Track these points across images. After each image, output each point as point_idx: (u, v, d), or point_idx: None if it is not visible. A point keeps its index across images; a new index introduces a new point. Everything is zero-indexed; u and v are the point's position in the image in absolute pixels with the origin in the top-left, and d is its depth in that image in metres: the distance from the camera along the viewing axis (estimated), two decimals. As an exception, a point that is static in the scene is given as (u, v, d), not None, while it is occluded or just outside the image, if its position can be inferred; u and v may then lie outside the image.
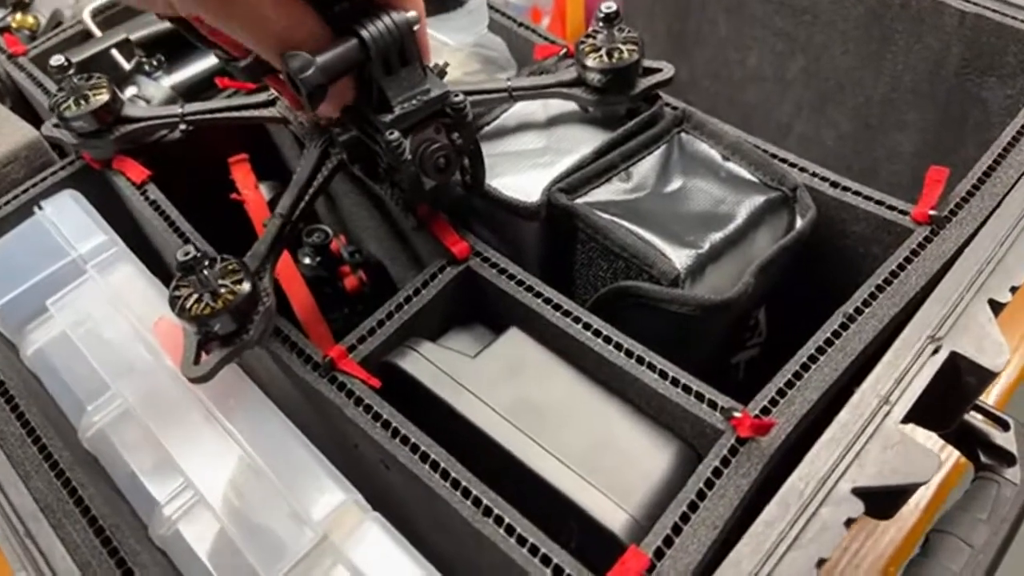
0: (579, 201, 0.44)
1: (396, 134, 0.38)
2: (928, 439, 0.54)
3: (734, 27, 0.68)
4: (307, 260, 0.51)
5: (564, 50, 0.54)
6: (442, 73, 0.41)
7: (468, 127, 0.40)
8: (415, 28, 0.38)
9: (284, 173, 0.57)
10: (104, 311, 0.45)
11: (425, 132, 0.40)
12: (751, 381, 0.49)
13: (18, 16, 0.79)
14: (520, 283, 0.42)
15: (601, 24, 0.45)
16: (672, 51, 0.74)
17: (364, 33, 0.36)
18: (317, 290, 0.47)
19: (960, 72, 0.57)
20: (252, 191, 0.50)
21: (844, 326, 0.39)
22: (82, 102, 0.48)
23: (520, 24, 0.57)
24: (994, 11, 0.54)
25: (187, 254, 0.36)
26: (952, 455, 0.69)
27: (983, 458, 0.47)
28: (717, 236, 0.42)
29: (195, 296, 0.37)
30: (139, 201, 0.49)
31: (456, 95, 0.39)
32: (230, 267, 0.38)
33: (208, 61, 0.62)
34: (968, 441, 0.48)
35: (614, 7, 0.44)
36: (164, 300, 0.39)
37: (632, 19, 0.74)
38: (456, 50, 0.56)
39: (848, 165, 0.68)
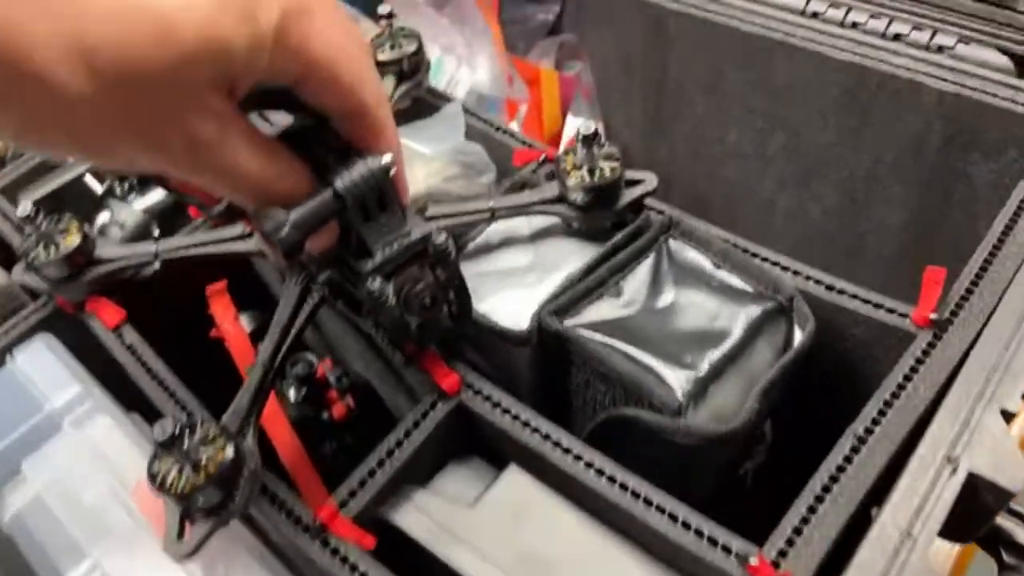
0: (570, 323, 0.43)
1: (378, 281, 0.36)
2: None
3: (712, 106, 0.68)
4: (292, 392, 0.49)
5: (543, 156, 0.53)
6: (422, 210, 0.40)
7: (452, 265, 0.39)
8: (391, 172, 0.36)
9: (267, 300, 0.56)
10: (81, 470, 0.43)
11: (407, 272, 0.38)
12: (759, 487, 0.47)
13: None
14: (516, 417, 0.40)
15: (580, 144, 0.44)
16: (650, 129, 0.74)
17: (339, 183, 0.35)
18: (304, 428, 0.45)
19: (943, 148, 0.56)
20: (232, 325, 0.49)
21: (855, 448, 0.37)
22: (52, 248, 0.47)
23: (497, 128, 0.57)
24: (973, 89, 0.53)
25: (164, 432, 0.34)
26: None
27: (1006, 557, 0.45)
28: (716, 355, 0.41)
29: (176, 469, 0.35)
30: (115, 345, 0.47)
31: (439, 235, 0.38)
32: (211, 433, 0.36)
33: (181, 180, 0.61)
34: (990, 538, 0.46)
35: (593, 128, 0.43)
36: (144, 454, 0.37)
37: (607, 99, 0.74)
38: (432, 159, 0.55)
39: (834, 239, 0.67)
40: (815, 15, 0.62)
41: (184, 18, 0.27)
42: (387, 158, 0.37)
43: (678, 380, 0.40)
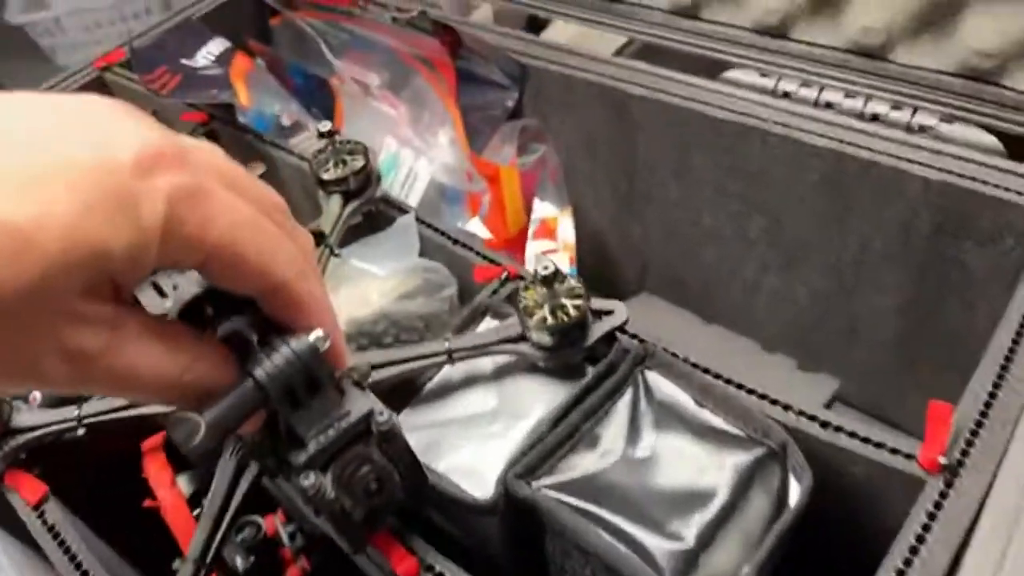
0: (541, 484, 0.38)
1: (312, 477, 0.32)
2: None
3: (684, 189, 0.64)
4: (239, 561, 0.44)
5: (504, 273, 0.49)
6: (364, 377, 0.35)
7: (398, 441, 0.34)
8: (322, 350, 0.32)
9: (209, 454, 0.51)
10: None
11: (348, 455, 0.34)
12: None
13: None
14: (483, 606, 0.36)
15: (541, 285, 0.40)
16: (621, 211, 0.70)
17: (259, 372, 0.31)
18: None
19: (932, 236, 0.53)
20: (168, 490, 0.44)
21: (869, 631, 0.33)
22: (-41, 422, 0.42)
23: (456, 242, 0.52)
24: (960, 175, 0.50)
25: None
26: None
27: None
28: (704, 519, 0.36)
29: None
30: (36, 527, 0.42)
31: (381, 414, 0.33)
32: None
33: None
34: None
35: (552, 268, 0.39)
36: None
37: (574, 181, 0.70)
38: (385, 279, 0.51)
39: (825, 322, 0.63)
40: (786, 95, 0.59)
41: (43, 227, 0.22)
42: (315, 335, 0.32)
43: (664, 556, 0.35)
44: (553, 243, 0.65)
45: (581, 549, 0.37)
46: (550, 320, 0.40)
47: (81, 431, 0.44)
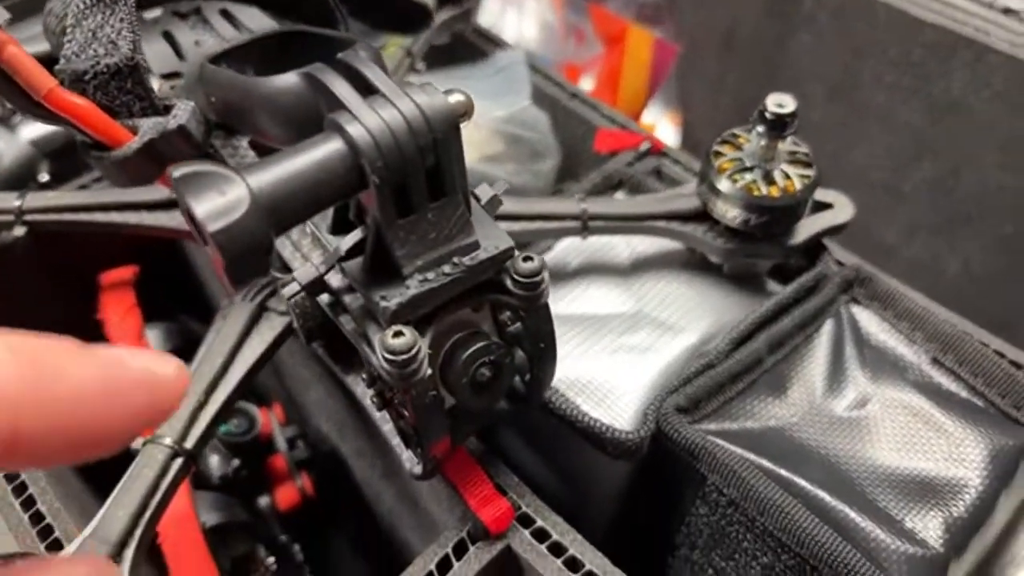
0: (708, 428, 0.25)
1: (407, 335, 0.18)
2: None
3: (838, 113, 0.51)
4: (215, 461, 0.31)
5: (645, 143, 0.35)
6: (496, 202, 0.21)
7: (540, 312, 0.21)
8: (462, 119, 0.19)
9: (197, 303, 0.36)
10: None
11: (457, 315, 0.20)
12: None
13: None
14: (609, 592, 0.23)
15: (763, 130, 0.26)
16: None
17: (357, 132, 0.17)
18: (228, 542, 0.27)
19: None
20: (134, 344, 0.30)
21: None
22: None
23: (573, 95, 0.39)
24: None
25: None
26: None
27: None
28: (952, 516, 0.24)
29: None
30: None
31: (529, 258, 0.20)
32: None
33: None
34: None
35: (789, 106, 0.26)
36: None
37: (692, 85, 0.56)
38: (477, 126, 0.37)
39: (973, 308, 0.51)
40: (1007, 11, 0.46)
41: None
42: (457, 97, 0.19)
43: (902, 561, 0.23)
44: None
45: (762, 533, 0.24)
46: (760, 188, 0.26)
47: (19, 231, 0.29)
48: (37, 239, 0.30)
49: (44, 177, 0.39)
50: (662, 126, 0.54)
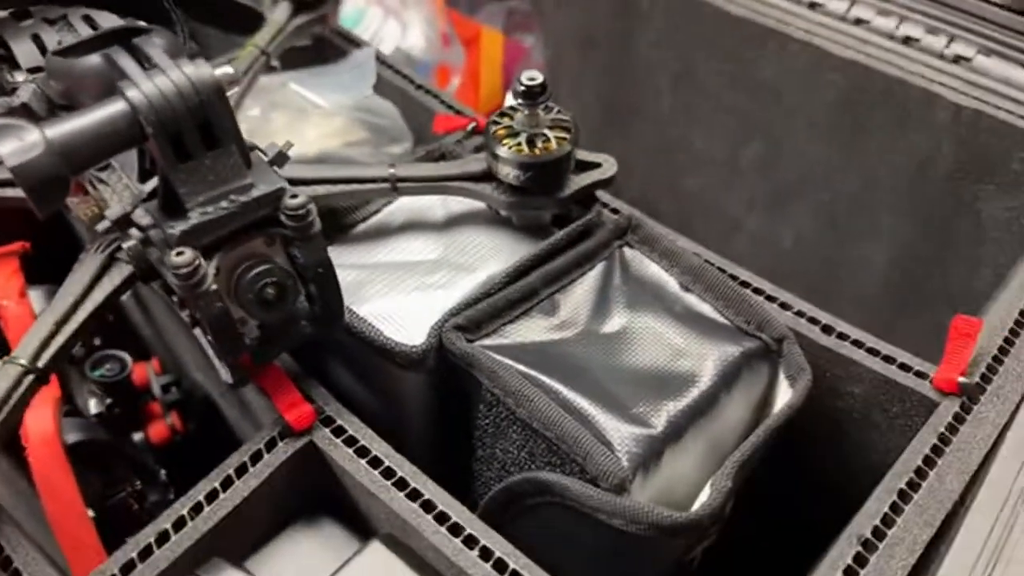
0: (484, 344, 0.31)
1: (188, 254, 0.24)
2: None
3: (680, 101, 0.58)
4: (93, 403, 0.36)
5: (472, 124, 0.41)
6: (282, 157, 0.27)
7: (313, 241, 0.26)
8: (227, 90, 0.24)
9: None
10: None
11: (245, 248, 0.26)
12: (707, 567, 0.36)
13: None
14: (388, 473, 0.28)
15: (521, 101, 0.32)
16: (604, 122, 0.63)
17: (134, 95, 0.22)
18: (88, 460, 0.31)
19: (952, 176, 0.47)
20: (15, 301, 0.35)
21: (861, 559, 0.27)
22: None
23: (418, 86, 0.44)
24: (997, 108, 0.44)
25: None
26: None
27: None
28: (677, 407, 0.30)
29: None
30: None
31: (294, 196, 0.25)
32: None
33: None
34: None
35: (539, 78, 0.32)
36: None
37: (558, 82, 0.62)
38: (330, 114, 0.43)
39: (805, 272, 0.58)
40: (813, 5, 0.53)
41: None
42: (225, 69, 0.24)
43: (624, 440, 0.28)
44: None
45: (522, 424, 0.30)
46: (526, 150, 0.32)
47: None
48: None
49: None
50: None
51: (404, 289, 0.33)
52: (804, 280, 0.58)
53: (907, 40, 0.49)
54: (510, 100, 0.34)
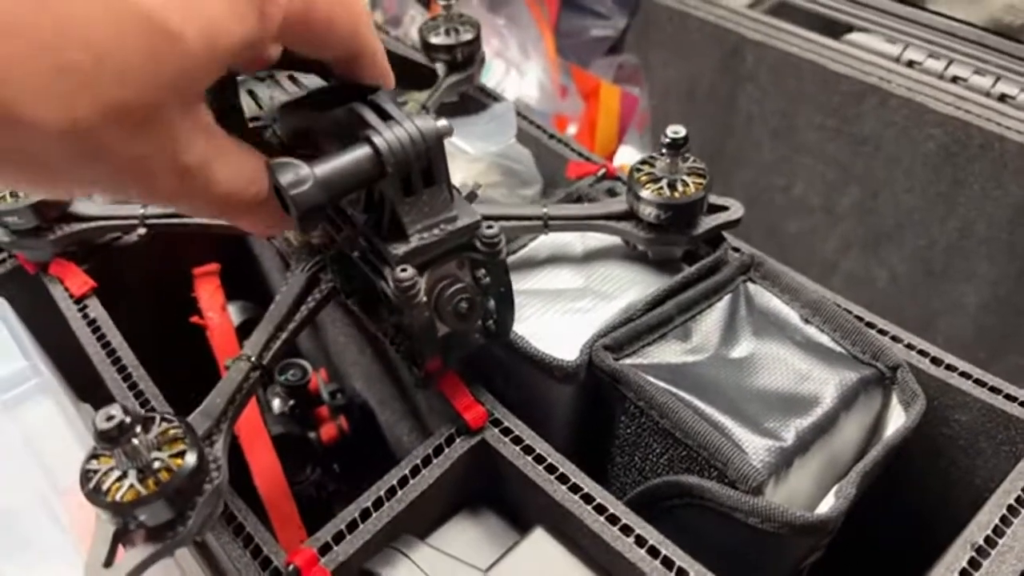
0: (628, 363, 0.35)
1: (409, 271, 0.29)
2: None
3: (781, 151, 0.62)
4: (277, 403, 0.41)
5: (602, 170, 0.46)
6: (472, 196, 0.33)
7: (500, 266, 0.32)
8: (446, 136, 0.30)
9: (262, 290, 0.48)
10: (6, 465, 0.35)
11: (445, 268, 0.31)
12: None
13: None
14: (550, 468, 0.33)
15: (665, 151, 0.37)
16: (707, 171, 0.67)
17: (379, 141, 0.28)
18: (285, 447, 0.37)
19: (1047, 225, 0.50)
20: (218, 313, 0.41)
21: (974, 563, 0.30)
22: (20, 194, 0.39)
23: (551, 136, 0.50)
24: (1092, 162, 0.47)
25: (110, 419, 0.26)
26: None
27: None
28: (804, 424, 0.33)
29: (117, 474, 0.27)
30: (75, 318, 0.39)
31: (490, 227, 0.31)
32: (171, 433, 0.28)
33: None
34: None
35: (683, 132, 0.37)
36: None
37: (662, 131, 0.67)
38: (475, 160, 0.48)
39: (899, 313, 0.60)
40: (911, 64, 0.57)
41: (189, 24, 0.21)
42: (444, 123, 0.30)
43: (757, 451, 0.32)
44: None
45: (663, 433, 0.34)
46: (666, 192, 0.37)
47: (142, 231, 0.41)
48: (153, 238, 0.42)
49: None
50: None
51: (555, 312, 0.38)
52: (897, 320, 0.61)
53: (1003, 97, 0.53)
54: (621, 158, 0.39)
